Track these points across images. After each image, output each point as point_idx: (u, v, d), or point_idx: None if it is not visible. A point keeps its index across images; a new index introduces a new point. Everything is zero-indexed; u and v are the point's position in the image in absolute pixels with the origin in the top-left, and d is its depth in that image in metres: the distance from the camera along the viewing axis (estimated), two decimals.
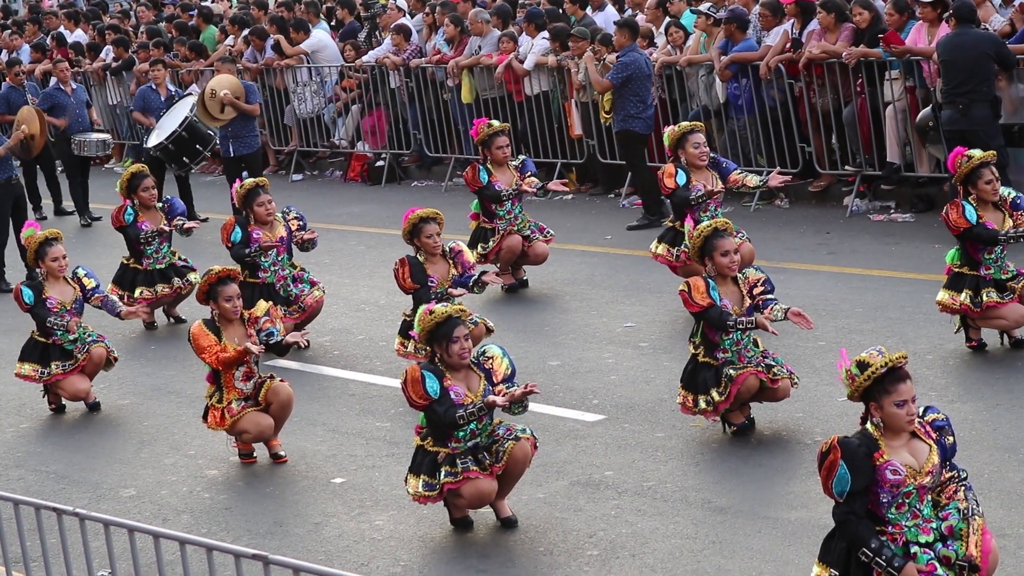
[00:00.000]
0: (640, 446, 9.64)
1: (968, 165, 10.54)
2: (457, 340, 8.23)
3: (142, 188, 13.56)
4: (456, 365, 8.29)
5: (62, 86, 19.32)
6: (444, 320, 8.24)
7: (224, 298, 9.79)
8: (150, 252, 13.58)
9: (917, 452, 6.62)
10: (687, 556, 7.96)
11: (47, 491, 9.69)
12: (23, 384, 12.26)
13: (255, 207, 12.37)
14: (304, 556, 8.21)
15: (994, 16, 14.91)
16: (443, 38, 19.60)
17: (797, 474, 8.91)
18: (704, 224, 9.59)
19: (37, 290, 11.42)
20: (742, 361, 9.49)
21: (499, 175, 13.60)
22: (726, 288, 9.50)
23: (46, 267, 11.45)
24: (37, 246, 11.47)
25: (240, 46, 21.96)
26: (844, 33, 15.60)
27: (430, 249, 11.04)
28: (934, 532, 6.64)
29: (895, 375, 6.59)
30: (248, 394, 9.90)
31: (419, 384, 8.18)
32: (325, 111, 21.32)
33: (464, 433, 8.34)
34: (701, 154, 12.34)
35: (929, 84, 15.02)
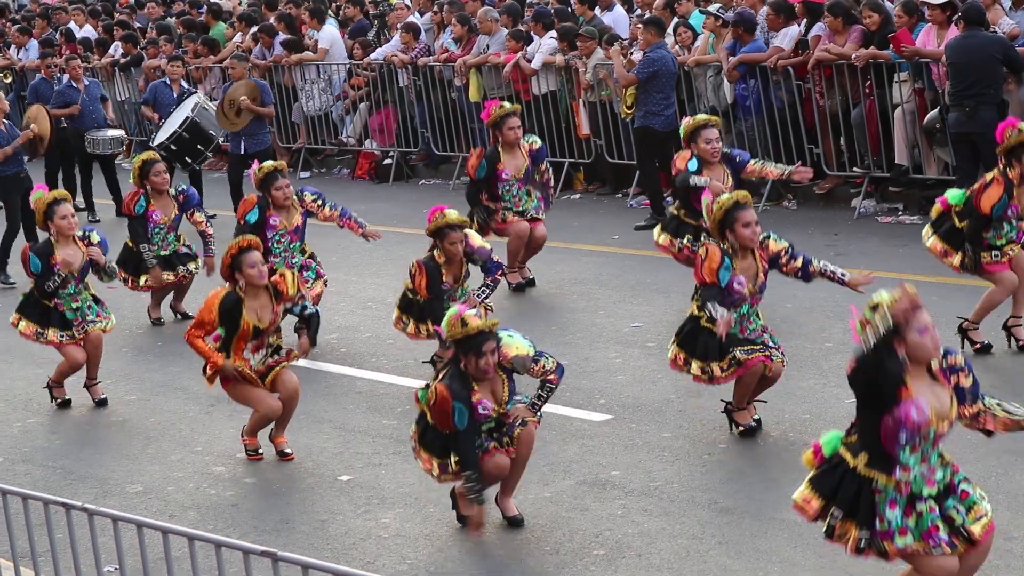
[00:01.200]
0: (647, 446, 9.65)
1: (1017, 138, 10.37)
2: (485, 355, 8.20)
3: (153, 173, 13.52)
4: (481, 378, 8.29)
5: (74, 83, 19.28)
6: (476, 334, 8.21)
7: (248, 265, 9.70)
8: (156, 240, 13.56)
9: (940, 397, 6.54)
10: (693, 556, 7.96)
11: (54, 486, 9.70)
12: (30, 379, 12.28)
13: (273, 191, 12.30)
14: (310, 553, 8.21)
15: (1003, 19, 14.89)
16: (451, 37, 19.60)
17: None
18: (725, 197, 9.46)
19: (45, 256, 11.29)
20: (743, 332, 9.45)
21: (508, 158, 13.57)
22: (744, 262, 9.39)
23: (55, 226, 11.34)
24: (45, 207, 11.36)
25: (248, 43, 21.97)
26: (853, 35, 15.60)
27: (451, 255, 10.99)
28: (938, 485, 6.58)
29: (915, 306, 6.52)
30: (253, 370, 9.84)
31: (449, 417, 8.17)
32: (333, 109, 21.32)
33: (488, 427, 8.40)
34: (713, 150, 12.27)
35: (938, 86, 15.01)
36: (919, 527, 6.53)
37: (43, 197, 11.45)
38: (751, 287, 9.39)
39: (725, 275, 9.29)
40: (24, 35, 25.71)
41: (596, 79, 17.71)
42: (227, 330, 9.77)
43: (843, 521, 6.59)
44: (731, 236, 9.34)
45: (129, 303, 14.41)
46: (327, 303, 13.67)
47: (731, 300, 9.34)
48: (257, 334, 9.80)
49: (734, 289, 9.33)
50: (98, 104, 19.29)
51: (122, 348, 13.09)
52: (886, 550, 6.52)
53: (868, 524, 6.52)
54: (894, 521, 6.51)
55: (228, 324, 9.75)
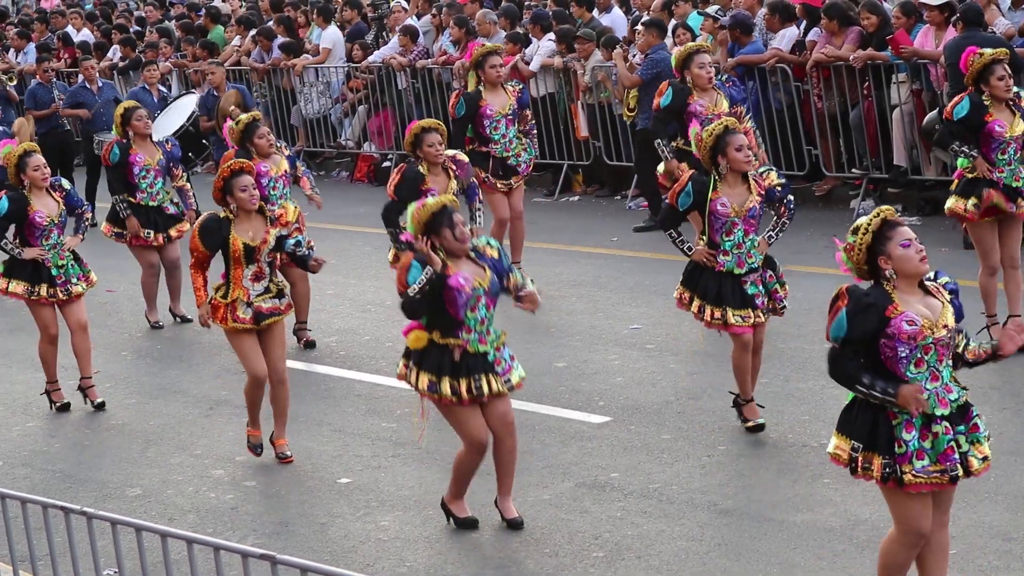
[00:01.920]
0: (646, 448, 9.65)
1: (980, 62, 10.49)
2: (457, 224, 8.12)
3: (135, 118, 13.43)
4: (457, 250, 8.16)
5: (88, 84, 19.26)
6: (440, 210, 8.13)
7: (239, 188, 9.66)
8: (144, 187, 13.42)
9: (931, 307, 6.51)
10: (693, 558, 7.96)
11: (53, 490, 9.69)
12: (29, 383, 12.28)
13: (256, 140, 12.16)
14: (309, 556, 8.20)
15: (999, 19, 14.90)
16: (449, 39, 19.61)
17: (803, 476, 8.91)
18: (714, 124, 9.48)
19: (20, 202, 11.19)
20: (741, 267, 9.45)
21: (491, 97, 13.49)
22: (735, 188, 9.40)
23: (28, 178, 11.22)
24: (16, 159, 11.25)
25: (248, 45, 21.98)
26: (851, 36, 15.60)
27: (432, 159, 11.15)
28: (951, 405, 6.53)
29: (889, 223, 6.57)
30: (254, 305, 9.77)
31: (404, 271, 8.05)
32: (332, 111, 21.33)
33: (473, 321, 8.16)
34: (707, 75, 12.37)
35: (936, 87, 15.02)
36: (935, 449, 6.49)
37: (13, 150, 11.35)
38: (736, 207, 9.38)
39: (685, 200, 9.41)
40: (23, 39, 25.71)
41: (594, 81, 17.72)
42: (224, 257, 9.74)
43: (865, 453, 6.54)
44: (723, 161, 9.34)
45: (128, 307, 14.42)
46: (326, 306, 13.69)
47: (719, 224, 9.41)
48: (250, 254, 9.71)
49: (717, 211, 9.39)
50: (111, 106, 19.22)
51: (121, 352, 13.09)
52: (903, 477, 6.45)
53: (888, 451, 6.49)
54: (911, 443, 6.46)
55: (221, 248, 9.71)
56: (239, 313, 9.76)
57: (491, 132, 13.47)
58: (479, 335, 8.21)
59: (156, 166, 13.48)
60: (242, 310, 9.77)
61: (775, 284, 9.62)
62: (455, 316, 8.14)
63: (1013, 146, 10.58)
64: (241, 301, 9.77)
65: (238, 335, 9.85)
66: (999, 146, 10.58)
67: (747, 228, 9.43)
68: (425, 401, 8.42)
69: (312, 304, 13.19)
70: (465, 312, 8.14)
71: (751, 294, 9.50)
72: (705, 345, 11.02)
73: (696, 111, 12.44)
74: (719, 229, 9.41)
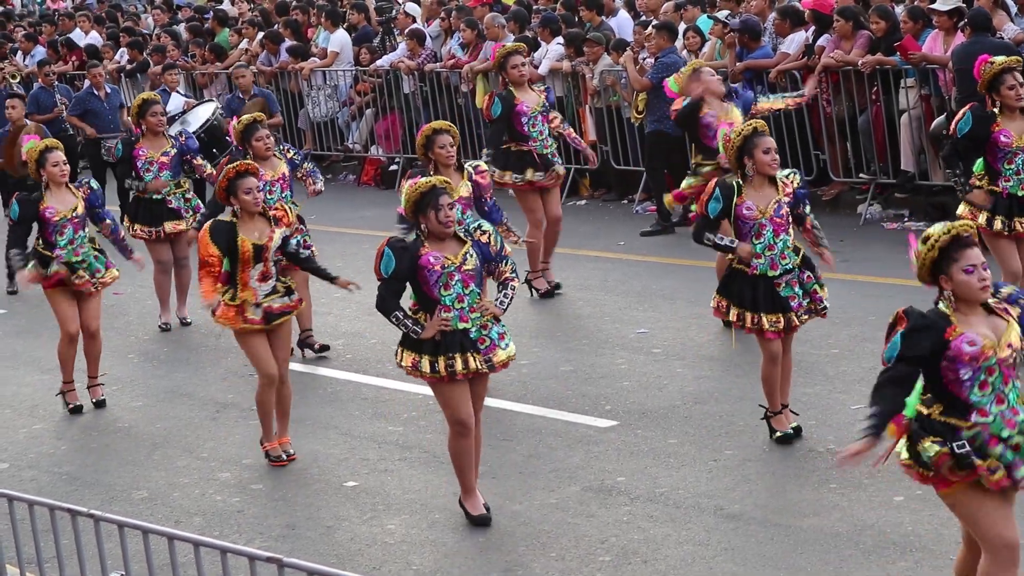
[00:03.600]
0: (652, 452, 9.64)
1: (991, 70, 10.44)
2: (442, 208, 8.29)
3: (150, 113, 13.37)
4: (440, 233, 8.35)
5: (95, 90, 19.19)
6: (429, 190, 8.32)
7: (243, 191, 9.68)
8: (150, 179, 13.38)
9: (995, 326, 6.37)
10: (699, 563, 7.95)
11: (60, 492, 9.70)
12: (36, 386, 12.29)
13: (253, 142, 12.13)
14: (316, 559, 8.21)
15: (1007, 25, 14.88)
16: (459, 43, 19.62)
17: (810, 481, 8.90)
18: (742, 124, 9.42)
19: (29, 204, 11.17)
20: (774, 269, 9.33)
21: (522, 95, 13.37)
22: (761, 191, 9.34)
23: (47, 173, 11.24)
24: (38, 155, 11.26)
25: (256, 48, 22.00)
26: (860, 41, 15.60)
27: (443, 161, 11.07)
28: (1020, 426, 6.35)
29: (960, 242, 6.38)
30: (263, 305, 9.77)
31: (379, 258, 8.40)
32: (339, 115, 21.34)
33: (450, 299, 8.36)
34: (717, 80, 12.26)
35: (944, 92, 15.01)
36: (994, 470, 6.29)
37: (35, 145, 11.36)
38: (761, 208, 9.29)
39: (715, 206, 9.36)
40: (31, 41, 25.74)
41: (603, 85, 17.72)
42: (231, 259, 9.72)
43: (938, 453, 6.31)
44: (749, 163, 9.29)
45: (135, 310, 14.42)
46: (333, 310, 13.69)
47: (747, 228, 9.32)
48: (258, 253, 9.73)
49: (743, 215, 9.31)
50: (117, 112, 19.24)
51: (128, 354, 13.10)
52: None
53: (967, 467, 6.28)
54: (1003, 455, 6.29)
55: (229, 252, 9.70)
56: (248, 315, 9.77)
57: (529, 129, 13.37)
58: (459, 312, 8.40)
59: (160, 158, 13.40)
60: (251, 311, 9.78)
61: (814, 284, 9.49)
62: (429, 295, 8.38)
63: (1021, 156, 10.55)
64: (249, 303, 9.77)
65: (248, 336, 9.86)
66: (1005, 156, 10.55)
67: (776, 228, 9.33)
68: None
69: (318, 307, 13.21)
70: (439, 290, 8.35)
71: (785, 296, 9.39)
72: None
73: (708, 122, 12.27)
74: (748, 233, 9.32)
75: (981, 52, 13.95)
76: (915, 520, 8.19)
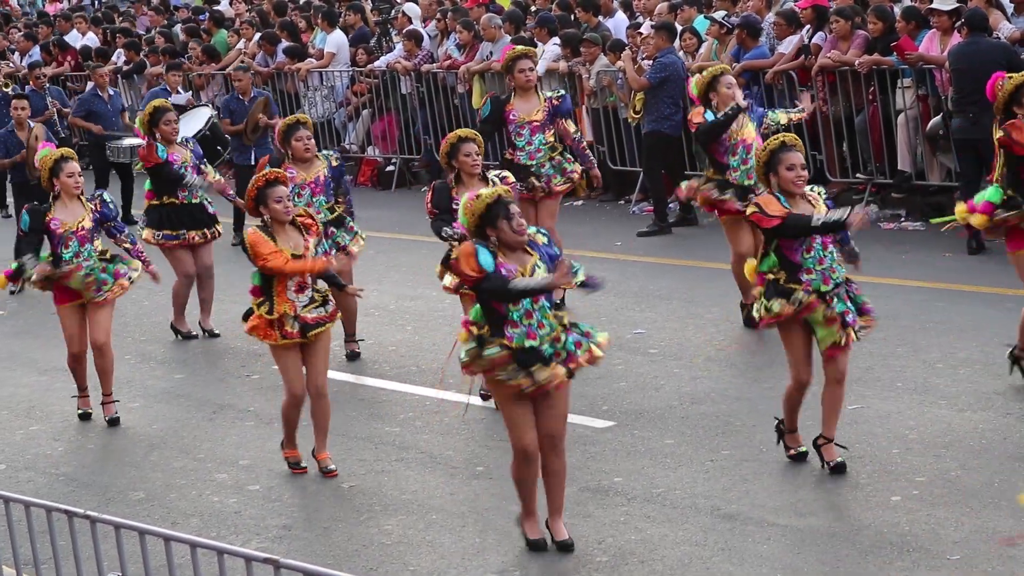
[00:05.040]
0: (649, 453, 9.64)
1: (1011, 83, 9.99)
2: (514, 216, 7.85)
3: (163, 121, 13.12)
4: (514, 243, 7.88)
5: (99, 92, 19.16)
6: (495, 200, 7.87)
7: (274, 200, 9.40)
8: (189, 183, 13.15)
9: None
10: (696, 563, 7.95)
11: (56, 493, 9.69)
12: (33, 387, 12.29)
13: (293, 142, 11.98)
14: (313, 560, 8.21)
15: (1003, 24, 14.90)
16: (455, 43, 19.62)
17: (807, 481, 8.90)
18: (771, 138, 9.02)
19: (37, 215, 10.93)
20: (827, 283, 8.81)
21: (520, 101, 12.85)
22: (798, 207, 8.82)
23: (60, 184, 10.95)
24: (52, 163, 10.97)
25: (253, 49, 22.00)
26: (856, 41, 15.61)
27: (468, 169, 10.67)
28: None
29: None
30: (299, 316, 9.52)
31: (472, 257, 7.77)
32: (336, 116, 21.34)
33: (518, 314, 7.88)
34: (734, 95, 11.95)
35: (941, 93, 15.02)
36: None
37: (50, 154, 11.08)
38: None
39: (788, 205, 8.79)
40: (29, 41, 25.74)
41: (599, 86, 17.72)
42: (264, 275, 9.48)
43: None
44: (774, 179, 8.86)
45: (132, 311, 14.41)
46: None
47: (798, 243, 8.85)
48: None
49: None
50: (119, 115, 19.22)
51: (124, 356, 13.08)
52: None
53: None
54: None
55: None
56: (288, 328, 9.50)
57: (515, 138, 12.86)
58: (527, 328, 7.92)
59: (191, 163, 13.23)
60: (290, 324, 9.49)
61: (863, 298, 9.07)
62: (499, 310, 7.91)
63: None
64: (288, 315, 9.49)
65: (284, 351, 9.58)
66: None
67: (824, 242, 8.87)
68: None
69: None
70: (507, 306, 7.89)
71: (840, 311, 8.88)
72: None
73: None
74: (798, 248, 8.82)
75: (978, 52, 14.01)
76: (912, 520, 8.20)
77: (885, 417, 9.87)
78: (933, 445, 9.28)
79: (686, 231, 16.21)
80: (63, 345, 11.38)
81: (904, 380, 10.62)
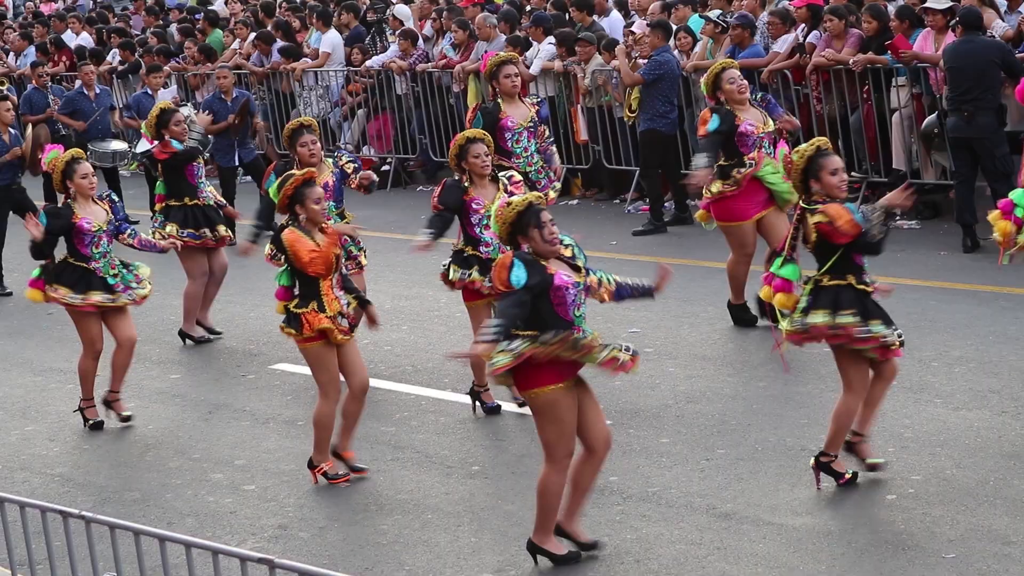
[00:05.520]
0: (645, 451, 9.64)
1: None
2: (545, 224, 7.69)
3: (173, 123, 13.02)
4: (546, 252, 7.73)
5: (85, 90, 19.13)
6: (526, 208, 7.72)
7: (312, 200, 9.26)
8: (202, 186, 13.02)
9: None
10: (692, 562, 7.95)
11: (52, 494, 9.69)
12: (28, 387, 12.27)
13: (298, 147, 11.96)
14: (308, 560, 8.21)
15: (996, 22, 14.91)
16: (451, 43, 19.62)
17: (802, 480, 8.90)
18: (804, 145, 8.75)
19: (60, 216, 10.78)
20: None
21: (510, 108, 12.66)
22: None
23: (75, 186, 10.81)
24: (64, 165, 10.84)
25: (248, 49, 21.99)
26: (851, 40, 15.62)
27: (478, 171, 10.43)
28: None
29: None
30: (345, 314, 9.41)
31: (505, 270, 7.58)
32: (331, 115, 21.34)
33: (580, 319, 7.84)
34: (740, 87, 11.77)
35: (935, 91, 15.03)
36: None
37: (60, 156, 10.93)
38: None
39: (859, 215, 8.55)
40: (24, 40, 25.72)
41: (594, 85, 17.73)
42: (300, 272, 9.31)
43: None
44: (816, 186, 8.55)
45: None
46: None
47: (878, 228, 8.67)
48: (335, 263, 9.35)
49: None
50: (106, 113, 19.19)
51: None
52: None
53: None
54: None
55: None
56: (339, 323, 9.41)
57: (512, 145, 12.54)
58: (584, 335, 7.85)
59: (205, 165, 13.23)
60: (340, 320, 9.40)
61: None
62: (564, 317, 7.73)
63: None
64: (339, 314, 9.40)
65: (327, 351, 9.45)
66: None
67: None
68: None
69: None
70: (573, 311, 7.78)
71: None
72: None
73: (747, 131, 11.69)
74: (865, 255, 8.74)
75: (973, 50, 14.02)
76: (907, 519, 8.20)
77: (880, 416, 9.86)
78: (928, 443, 9.29)
79: (681, 230, 16.21)
80: (58, 346, 11.38)
81: (899, 378, 10.60)
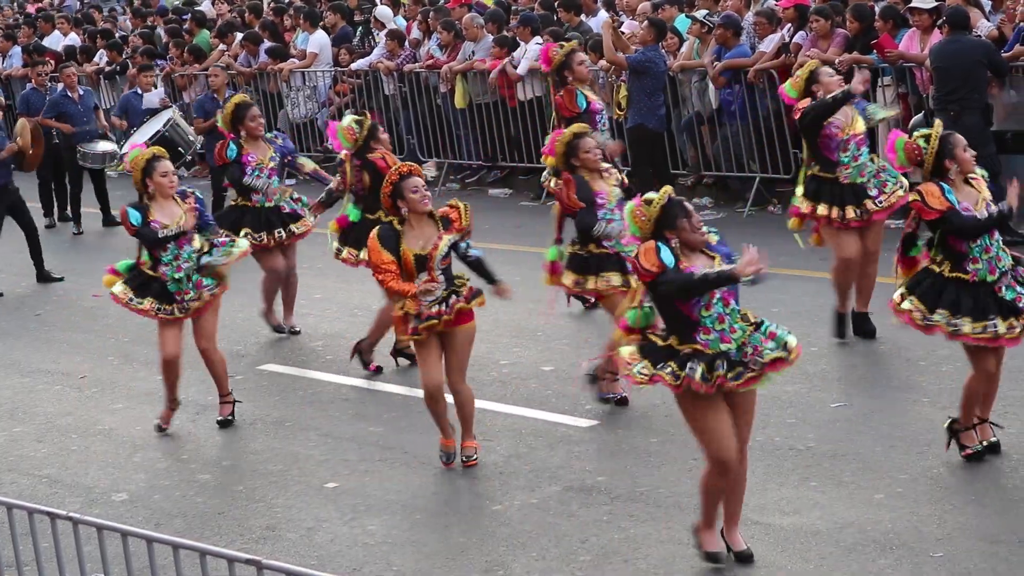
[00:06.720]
0: (633, 451, 9.65)
1: None
2: (690, 214, 7.51)
3: (248, 118, 12.66)
4: (695, 242, 7.49)
5: (69, 92, 19.07)
6: (669, 202, 7.51)
7: (410, 190, 9.18)
8: (259, 187, 12.67)
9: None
10: (680, 561, 7.96)
11: (40, 495, 9.68)
12: (16, 388, 12.26)
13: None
14: (297, 561, 8.21)
15: (981, 22, 14.94)
16: (437, 43, 19.62)
17: (789, 480, 8.91)
18: (932, 129, 8.79)
19: (143, 211, 10.45)
20: (993, 273, 8.60)
21: (591, 92, 12.84)
22: (962, 192, 8.65)
23: (155, 184, 10.45)
24: (144, 163, 10.53)
25: (235, 50, 21.97)
26: (836, 40, 15.63)
27: (592, 165, 10.11)
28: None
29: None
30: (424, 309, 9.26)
31: (653, 252, 7.38)
32: (319, 116, 21.32)
33: (711, 320, 7.47)
34: (840, 82, 11.35)
35: (922, 91, 15.05)
36: None
37: (141, 154, 10.64)
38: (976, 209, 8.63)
39: (952, 196, 8.61)
40: (8, 41, 25.65)
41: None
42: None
43: None
44: (951, 165, 8.65)
45: (114, 312, 14.32)
46: (314, 310, 13.68)
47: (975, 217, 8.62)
48: (421, 264, 9.23)
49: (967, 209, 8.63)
50: (91, 114, 19.15)
51: (107, 356, 13.07)
52: None
53: None
54: None
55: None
56: (411, 324, 9.34)
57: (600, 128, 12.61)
58: (719, 334, 7.52)
59: (269, 164, 12.73)
60: (413, 322, 9.32)
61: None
62: (689, 316, 7.51)
63: None
64: (411, 313, 9.30)
65: (425, 344, 9.38)
66: None
67: (991, 233, 8.70)
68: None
69: (299, 308, 13.22)
70: (699, 311, 7.51)
71: (1011, 299, 8.63)
72: None
73: (832, 133, 11.20)
74: (965, 240, 8.66)
75: (960, 50, 14.05)
76: (895, 518, 8.21)
77: (868, 415, 9.89)
78: (916, 443, 9.30)
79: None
80: (46, 347, 11.37)
81: (887, 378, 10.65)
